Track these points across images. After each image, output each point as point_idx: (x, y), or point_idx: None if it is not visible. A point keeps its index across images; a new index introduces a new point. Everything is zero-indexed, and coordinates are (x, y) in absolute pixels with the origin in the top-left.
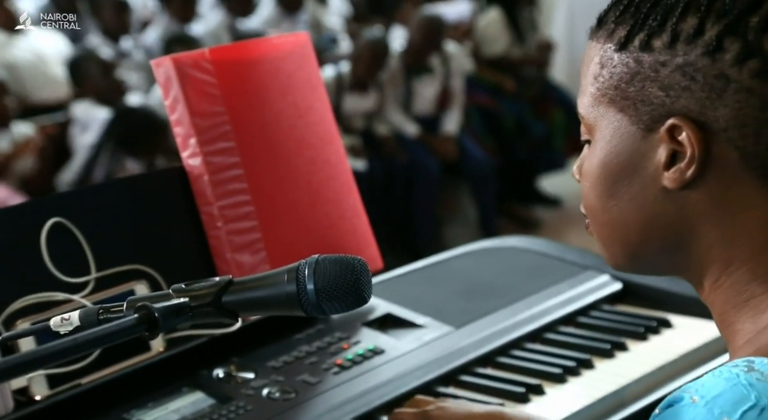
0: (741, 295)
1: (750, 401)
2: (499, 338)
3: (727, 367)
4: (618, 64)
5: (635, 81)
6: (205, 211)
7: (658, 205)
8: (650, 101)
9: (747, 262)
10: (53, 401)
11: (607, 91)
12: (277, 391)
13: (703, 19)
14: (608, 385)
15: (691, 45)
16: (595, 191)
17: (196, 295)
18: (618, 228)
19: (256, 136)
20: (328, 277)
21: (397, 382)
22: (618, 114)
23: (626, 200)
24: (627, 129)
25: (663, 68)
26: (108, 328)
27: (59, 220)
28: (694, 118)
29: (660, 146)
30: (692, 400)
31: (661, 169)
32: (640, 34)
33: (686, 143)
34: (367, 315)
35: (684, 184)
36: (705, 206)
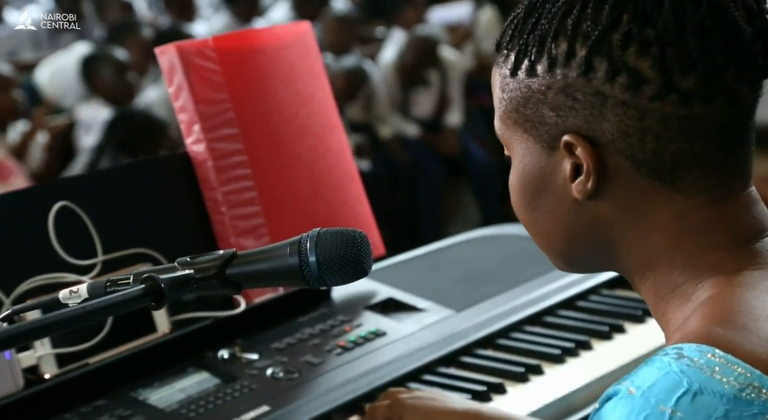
0: (666, 287)
1: (683, 387)
2: (499, 321)
3: (659, 356)
4: (513, 90)
5: (530, 104)
6: (209, 197)
7: (572, 215)
8: (545, 122)
9: (664, 257)
10: (62, 380)
11: (510, 114)
12: (281, 371)
13: (572, 42)
14: (606, 365)
15: (567, 68)
16: (519, 206)
17: (201, 267)
18: (545, 238)
19: (259, 123)
20: (329, 249)
21: (398, 363)
22: (524, 134)
23: (545, 213)
24: (533, 147)
25: (549, 91)
26: (116, 297)
27: (66, 203)
28: (584, 134)
29: (563, 161)
30: (629, 391)
31: (568, 183)
32: (525, 61)
33: (582, 158)
34: (369, 299)
35: (588, 195)
36: (614, 213)
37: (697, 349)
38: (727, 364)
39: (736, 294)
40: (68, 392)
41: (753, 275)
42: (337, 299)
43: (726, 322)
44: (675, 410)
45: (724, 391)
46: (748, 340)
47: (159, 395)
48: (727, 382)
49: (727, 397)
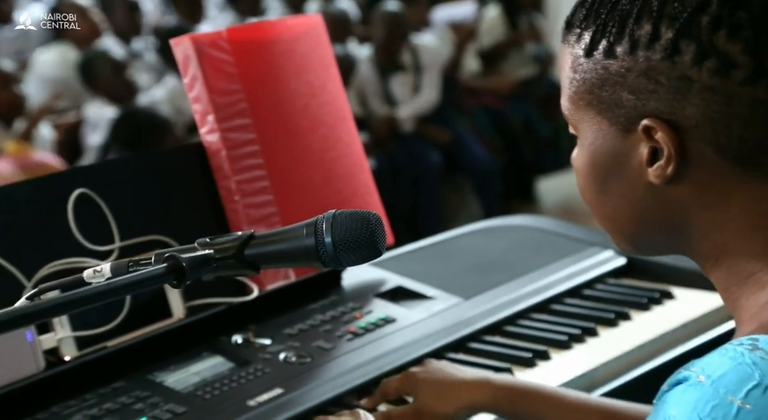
0: (741, 274)
1: (754, 380)
2: (506, 309)
3: (732, 345)
4: (588, 70)
5: (606, 86)
6: (223, 186)
7: (647, 199)
8: (623, 104)
9: (741, 243)
10: (81, 361)
11: (583, 95)
12: (293, 356)
13: (657, 24)
14: (612, 351)
15: (650, 50)
16: (587, 189)
17: (220, 248)
18: (615, 221)
19: (272, 113)
20: (344, 230)
21: (408, 349)
22: (597, 116)
23: (617, 196)
24: (607, 130)
25: (629, 73)
26: (140, 274)
27: (85, 190)
28: (665, 119)
29: (640, 145)
30: (699, 379)
31: (644, 166)
32: (602, 41)
33: (662, 142)
34: (378, 287)
35: (667, 179)
36: (692, 197)
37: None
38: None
39: None
40: (87, 374)
41: None
42: (347, 287)
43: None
44: (744, 402)
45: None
46: None
47: (175, 378)
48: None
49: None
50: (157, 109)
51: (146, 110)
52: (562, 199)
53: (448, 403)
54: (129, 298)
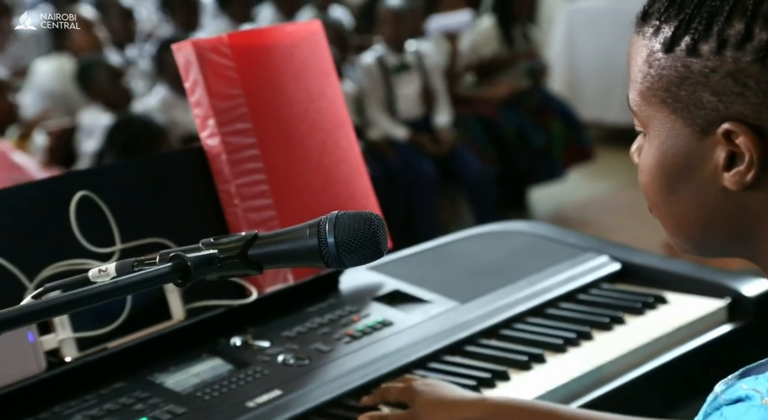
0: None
1: None
2: (502, 313)
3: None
4: (666, 67)
5: (686, 85)
6: (223, 189)
7: (718, 203)
8: (703, 105)
9: None
10: (82, 362)
11: (657, 92)
12: (292, 358)
13: (750, 24)
14: (607, 354)
15: (741, 51)
16: (653, 187)
17: (225, 248)
18: (680, 221)
19: (271, 118)
20: (347, 231)
21: (405, 351)
22: (671, 115)
23: (686, 198)
24: (682, 130)
25: (713, 74)
26: (145, 273)
27: (87, 193)
28: (750, 123)
29: (717, 148)
30: (762, 401)
31: (720, 171)
32: (686, 38)
33: (744, 147)
34: (376, 291)
35: (745, 186)
36: (766, 204)
37: None
38: None
39: None
40: (88, 375)
41: None
42: (345, 291)
43: None
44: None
45: None
46: None
47: (175, 379)
48: None
49: None
50: (152, 117)
51: (142, 117)
52: (554, 209)
53: (442, 417)
54: (129, 300)
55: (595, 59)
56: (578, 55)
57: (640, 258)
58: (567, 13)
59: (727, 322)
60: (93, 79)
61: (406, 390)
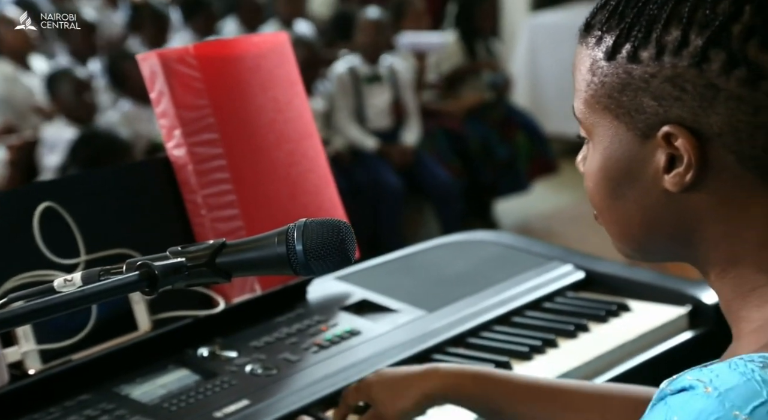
0: (746, 286)
1: (761, 397)
2: (469, 321)
3: (743, 360)
4: (608, 74)
5: (627, 91)
6: (190, 200)
7: (661, 206)
8: (644, 110)
9: (751, 256)
10: (46, 375)
11: (600, 99)
12: (260, 368)
13: (687, 30)
14: (571, 361)
15: (678, 57)
16: (599, 192)
17: (192, 256)
18: (624, 226)
19: (238, 128)
20: (315, 238)
21: (373, 360)
22: (614, 121)
23: (630, 202)
24: (624, 135)
25: (653, 79)
26: (112, 282)
27: (51, 204)
28: (688, 126)
29: (657, 151)
30: (705, 390)
31: (661, 173)
32: (626, 45)
33: (682, 149)
34: (344, 300)
35: (684, 187)
36: (707, 206)
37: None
38: None
39: None
40: (52, 387)
41: None
42: (313, 300)
43: None
44: (749, 418)
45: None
46: None
47: (141, 390)
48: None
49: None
50: (116, 132)
51: (106, 132)
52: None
53: (402, 398)
54: (95, 311)
55: (558, 73)
56: (541, 69)
57: (604, 267)
58: (529, 27)
59: (689, 329)
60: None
61: (360, 388)
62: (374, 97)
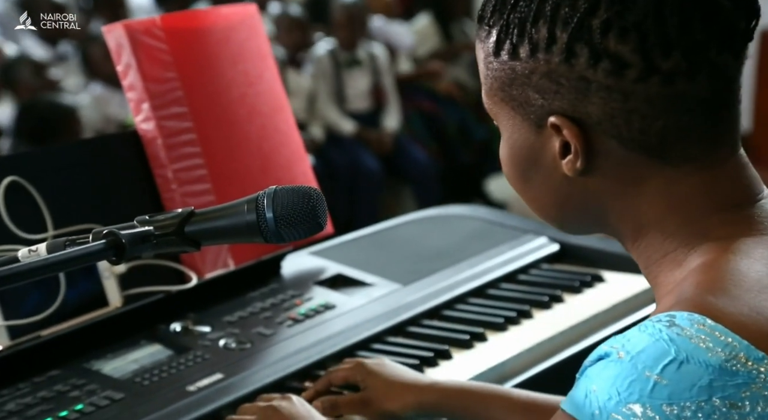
0: (658, 253)
1: (670, 355)
2: (444, 294)
3: (651, 322)
4: (497, 69)
5: (515, 85)
6: (160, 174)
7: (564, 188)
8: (531, 103)
9: (655, 225)
10: (14, 351)
11: (497, 92)
12: (233, 342)
13: (552, 28)
14: (546, 331)
15: (549, 53)
16: (511, 178)
17: (160, 224)
18: (539, 206)
19: (208, 102)
20: (286, 205)
21: (348, 333)
22: (511, 112)
23: (538, 185)
24: (521, 125)
25: (533, 75)
26: (78, 250)
27: (15, 178)
28: (570, 116)
29: (552, 139)
30: (619, 355)
31: (557, 159)
32: (506, 42)
33: (569, 138)
34: (318, 275)
35: (578, 172)
36: (604, 186)
37: (689, 317)
38: (715, 334)
39: (730, 262)
40: (21, 363)
41: (746, 242)
42: (287, 275)
43: (718, 291)
44: (660, 377)
45: (710, 361)
46: (739, 310)
47: (112, 366)
48: (713, 352)
49: (712, 367)
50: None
51: (47, 100)
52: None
53: (395, 401)
54: (63, 287)
55: None
56: None
57: (578, 239)
58: None
59: None
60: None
61: (356, 369)
62: (354, 81)
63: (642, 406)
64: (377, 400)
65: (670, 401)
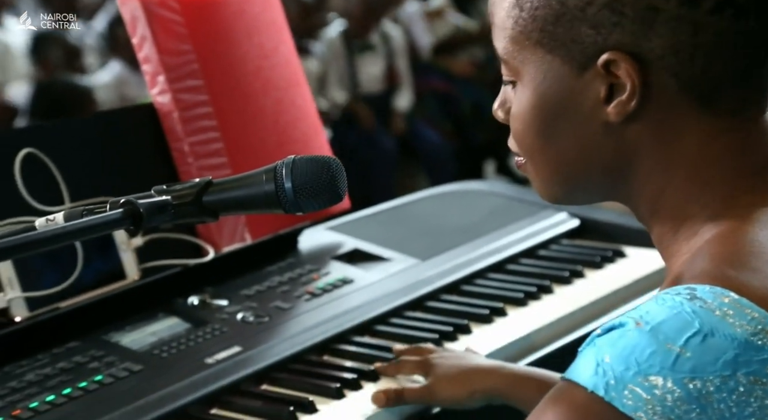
0: (677, 218)
1: (694, 328)
2: (463, 269)
3: (669, 294)
4: (540, 7)
5: (562, 22)
6: (176, 148)
7: (598, 140)
8: (581, 40)
9: (682, 185)
10: (33, 322)
11: (531, 34)
12: (251, 316)
13: None
14: (567, 306)
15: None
16: (530, 132)
17: (178, 194)
18: (559, 165)
19: (224, 75)
20: (304, 175)
21: (366, 308)
22: (547, 55)
23: (565, 138)
24: (559, 69)
25: (589, 7)
26: (95, 219)
27: (32, 151)
28: (628, 51)
29: (596, 82)
30: (636, 324)
31: (600, 104)
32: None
33: (624, 76)
34: (335, 250)
35: (626, 116)
36: (645, 136)
37: (711, 291)
38: (740, 307)
39: (748, 233)
40: (39, 335)
41: (766, 212)
42: (304, 250)
43: (739, 264)
44: (684, 350)
45: (736, 334)
46: (761, 283)
47: (130, 338)
48: (739, 326)
49: (738, 341)
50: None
51: (63, 81)
52: None
53: (461, 387)
54: (81, 259)
55: None
56: None
57: (599, 214)
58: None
59: None
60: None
61: (422, 364)
62: (367, 66)
63: (663, 378)
64: (442, 389)
65: (693, 375)
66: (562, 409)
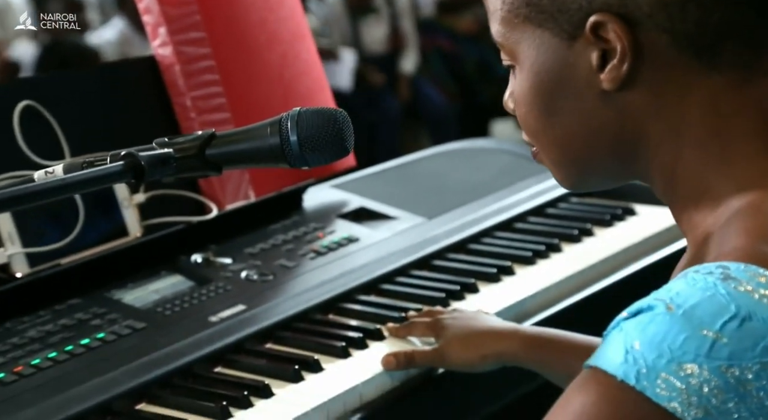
0: (697, 188)
1: (730, 312)
2: (470, 227)
3: (700, 274)
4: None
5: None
6: (178, 102)
7: (599, 111)
8: (567, 8)
9: (697, 151)
10: (34, 278)
11: (519, 11)
12: (255, 274)
13: None
14: (576, 265)
15: None
16: (533, 114)
17: (180, 147)
18: (565, 145)
19: (227, 27)
20: (310, 127)
21: (372, 266)
22: (537, 30)
23: (566, 114)
24: (550, 43)
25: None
26: (96, 171)
27: (31, 103)
28: (615, 12)
29: (587, 50)
30: (668, 308)
31: (594, 73)
32: None
33: (614, 39)
34: (341, 208)
35: (621, 81)
36: (646, 101)
37: (745, 270)
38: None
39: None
40: (41, 291)
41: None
42: (308, 208)
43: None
44: (720, 335)
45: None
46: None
47: (133, 295)
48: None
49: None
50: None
51: (70, 41)
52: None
53: (474, 350)
54: (82, 216)
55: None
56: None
57: None
58: None
59: None
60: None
61: (432, 325)
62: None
63: (699, 366)
64: (455, 352)
65: (730, 362)
66: (591, 398)
